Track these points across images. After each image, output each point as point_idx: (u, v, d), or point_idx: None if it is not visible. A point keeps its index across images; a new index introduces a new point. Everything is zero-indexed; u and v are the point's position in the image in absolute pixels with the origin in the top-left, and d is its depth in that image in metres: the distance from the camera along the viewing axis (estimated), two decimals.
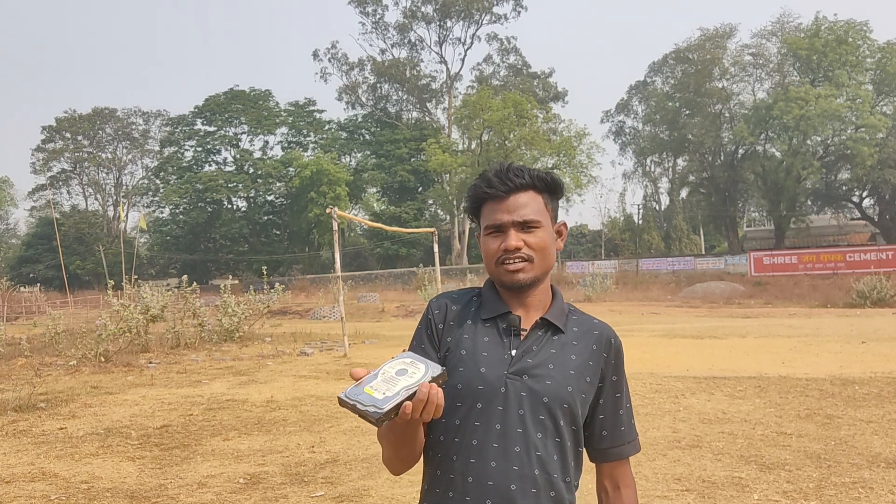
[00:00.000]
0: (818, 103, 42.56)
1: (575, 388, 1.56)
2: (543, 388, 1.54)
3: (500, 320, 1.61)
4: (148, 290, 15.71)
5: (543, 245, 1.61)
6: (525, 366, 1.56)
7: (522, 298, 1.63)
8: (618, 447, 1.67)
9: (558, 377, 1.56)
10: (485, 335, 1.60)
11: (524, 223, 1.59)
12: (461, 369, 1.56)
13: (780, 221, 49.07)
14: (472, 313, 1.64)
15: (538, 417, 1.53)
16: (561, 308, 1.66)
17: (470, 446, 1.53)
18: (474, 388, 1.54)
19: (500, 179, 1.61)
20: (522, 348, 1.58)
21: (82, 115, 68.36)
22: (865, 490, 4.83)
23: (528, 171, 1.63)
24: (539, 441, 1.53)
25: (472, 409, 1.54)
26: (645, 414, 7.40)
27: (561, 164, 50.66)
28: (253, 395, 9.29)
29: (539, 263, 1.60)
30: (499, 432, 1.52)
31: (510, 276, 1.59)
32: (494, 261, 1.61)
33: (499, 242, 1.60)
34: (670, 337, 15.29)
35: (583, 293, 33.80)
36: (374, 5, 62.42)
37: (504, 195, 1.60)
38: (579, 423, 1.59)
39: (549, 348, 1.59)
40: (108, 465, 6.07)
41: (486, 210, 1.64)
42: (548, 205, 1.65)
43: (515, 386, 1.54)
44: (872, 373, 9.54)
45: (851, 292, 26.09)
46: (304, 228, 59.32)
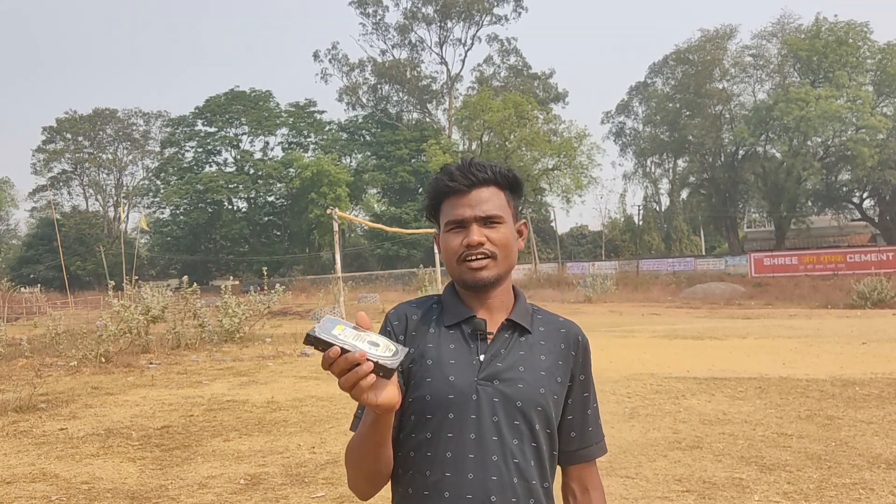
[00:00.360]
0: (818, 104, 42.56)
1: (547, 389, 1.51)
2: (516, 392, 1.48)
3: (464, 325, 1.55)
4: (148, 290, 15.71)
5: (506, 241, 1.55)
6: (495, 370, 1.50)
7: (485, 300, 1.56)
8: (586, 448, 1.62)
9: (530, 379, 1.50)
10: (450, 342, 1.53)
11: (487, 218, 1.53)
12: (429, 380, 1.49)
13: (780, 222, 49.05)
14: (434, 321, 1.57)
15: (513, 423, 1.47)
16: (525, 308, 1.60)
17: (444, 459, 1.45)
18: (444, 397, 1.47)
19: (463, 173, 1.55)
20: (490, 352, 1.52)
21: (83, 116, 68.39)
22: (866, 491, 4.83)
23: (491, 166, 1.58)
24: (516, 447, 1.47)
25: (444, 420, 1.46)
26: (645, 415, 7.40)
27: (561, 164, 50.67)
28: (253, 395, 9.30)
29: (502, 261, 1.54)
30: (474, 442, 1.45)
31: (473, 273, 1.52)
32: (456, 258, 1.54)
33: (461, 238, 1.54)
34: (671, 338, 15.29)
35: (583, 294, 33.81)
36: (374, 6, 62.50)
37: (466, 189, 1.55)
38: (554, 425, 1.54)
39: (518, 350, 1.53)
40: (108, 466, 6.08)
41: (447, 206, 1.57)
42: (510, 202, 1.59)
43: (487, 392, 1.47)
44: (873, 374, 9.55)
45: (852, 293, 26.08)
46: (304, 229, 59.35)
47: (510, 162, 50.59)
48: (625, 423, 7.05)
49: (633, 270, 43.11)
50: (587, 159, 50.84)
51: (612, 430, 6.80)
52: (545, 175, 51.69)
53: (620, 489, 4.99)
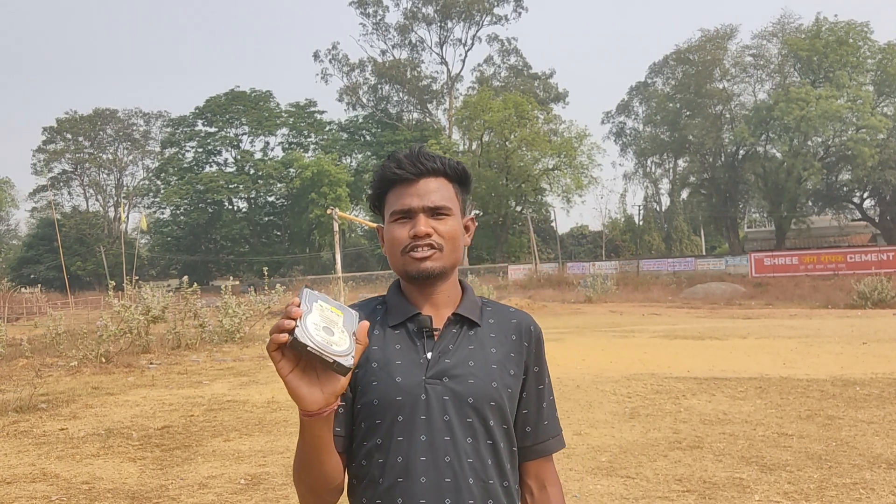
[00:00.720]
0: (819, 104, 42.56)
1: (500, 382, 1.45)
2: (467, 389, 1.42)
3: (409, 323, 1.48)
4: (149, 290, 15.71)
5: (454, 234, 1.49)
6: (444, 367, 1.43)
7: (430, 295, 1.50)
8: (542, 443, 1.54)
9: (481, 374, 1.43)
10: (395, 342, 1.47)
11: (435, 209, 1.48)
12: (375, 383, 1.43)
13: (780, 222, 49.05)
14: (378, 322, 1.50)
15: (465, 421, 1.41)
16: (473, 301, 1.54)
17: (396, 464, 1.39)
18: (392, 400, 1.41)
19: (411, 162, 1.50)
20: (438, 349, 1.46)
21: (83, 116, 68.44)
22: (867, 491, 4.83)
23: (440, 157, 1.53)
24: (470, 447, 1.40)
25: (394, 424, 1.40)
26: (646, 415, 7.40)
27: (562, 164, 50.71)
28: (254, 395, 9.30)
29: (448, 253, 1.48)
30: (425, 444, 1.39)
31: (417, 264, 1.46)
32: (401, 249, 1.48)
33: (407, 229, 1.48)
34: (671, 338, 15.28)
35: (583, 294, 33.81)
36: (374, 6, 62.55)
37: (414, 178, 1.49)
38: (510, 420, 1.47)
39: (467, 344, 1.47)
40: (109, 466, 6.08)
41: (393, 196, 1.52)
42: (458, 195, 1.55)
43: (436, 390, 1.41)
44: (873, 374, 9.54)
45: (852, 293, 26.05)
46: (304, 229, 59.39)
47: (510, 162, 50.66)
48: (625, 423, 7.05)
49: (634, 270, 43.10)
50: (587, 159, 50.96)
51: (613, 430, 6.80)
52: (545, 175, 51.72)
53: (621, 489, 4.98)
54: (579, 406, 7.92)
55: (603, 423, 7.11)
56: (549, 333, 16.92)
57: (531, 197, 54.35)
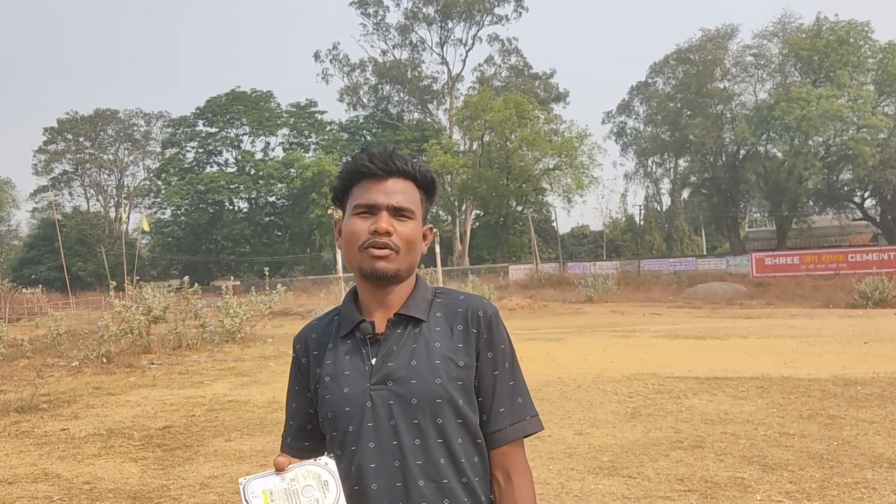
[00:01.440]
0: (820, 104, 42.52)
1: (445, 377, 1.43)
2: (409, 390, 1.42)
3: (356, 331, 1.50)
4: (149, 291, 15.73)
5: (413, 238, 1.50)
6: (387, 371, 1.44)
7: (382, 298, 1.50)
8: (499, 431, 1.49)
9: (423, 373, 1.43)
10: (345, 353, 1.48)
11: (399, 209, 1.48)
12: (328, 397, 1.46)
13: (781, 222, 49.01)
14: (332, 335, 1.53)
15: (412, 423, 1.41)
16: (421, 297, 1.52)
17: (350, 474, 1.41)
18: (342, 411, 1.44)
19: (383, 159, 1.50)
20: (382, 353, 1.46)
21: (84, 117, 68.45)
22: (868, 490, 4.82)
23: (412, 161, 1.53)
24: (419, 448, 1.41)
25: (346, 434, 1.43)
26: (647, 415, 7.40)
27: (562, 164, 50.68)
28: (255, 395, 9.30)
29: (404, 256, 1.48)
30: (374, 450, 1.41)
31: (372, 262, 1.46)
32: (359, 244, 1.47)
33: (368, 224, 1.47)
34: (672, 338, 15.27)
35: (584, 294, 33.81)
36: (375, 6, 62.51)
37: (383, 174, 1.49)
38: (466, 413, 1.45)
39: (411, 343, 1.47)
40: (110, 466, 6.08)
41: (359, 189, 1.51)
42: (422, 202, 1.55)
43: (381, 396, 1.43)
44: (875, 373, 9.54)
45: (853, 293, 26.04)
46: (305, 229, 59.40)
47: (511, 162, 50.65)
48: (626, 423, 7.05)
49: (635, 270, 43.08)
50: (588, 159, 50.90)
51: (614, 429, 6.80)
52: (546, 175, 51.70)
53: (622, 489, 4.98)
54: (581, 406, 7.92)
55: (604, 422, 7.11)
56: (550, 333, 16.94)
57: (532, 197, 54.32)
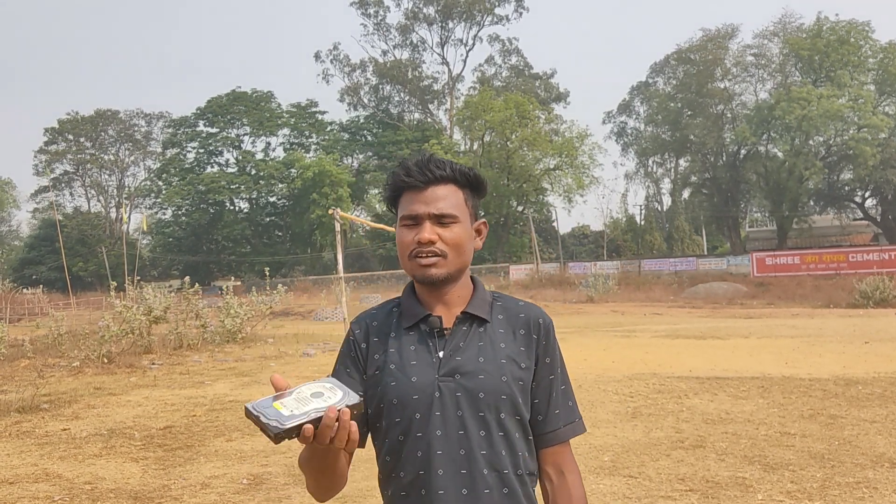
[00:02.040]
0: (820, 103, 42.49)
1: (510, 376, 1.53)
2: (477, 384, 1.51)
3: (422, 325, 1.57)
4: (150, 291, 15.73)
5: (458, 241, 1.56)
6: (455, 365, 1.52)
7: (441, 296, 1.58)
8: (553, 431, 1.60)
9: (490, 369, 1.52)
10: (410, 344, 1.56)
11: (440, 216, 1.54)
12: (393, 384, 1.53)
13: (782, 222, 48.97)
14: (394, 325, 1.60)
15: (478, 415, 1.50)
16: (483, 298, 1.61)
17: (416, 459, 1.50)
18: (409, 398, 1.51)
19: (420, 170, 1.56)
20: (449, 348, 1.54)
21: (85, 117, 68.38)
22: (869, 490, 4.82)
23: (451, 164, 1.58)
24: (483, 439, 1.49)
25: (412, 421, 1.50)
26: (648, 414, 7.40)
27: (563, 164, 50.66)
28: (256, 395, 9.27)
29: (453, 259, 1.55)
30: (440, 438, 1.49)
31: (422, 270, 1.54)
32: (408, 253, 1.56)
33: (413, 234, 1.55)
34: (673, 337, 15.27)
35: (585, 294, 33.81)
36: (375, 7, 62.51)
37: (422, 185, 1.56)
38: (523, 411, 1.55)
39: (477, 341, 1.55)
40: (111, 466, 6.08)
41: (404, 200, 1.58)
42: (468, 201, 1.60)
43: (449, 388, 1.50)
44: (876, 373, 9.54)
45: (854, 293, 26.04)
46: (306, 230, 59.32)
47: (512, 162, 50.64)
48: (627, 423, 7.05)
49: (635, 270, 43.07)
50: (589, 159, 50.86)
51: (615, 429, 6.80)
52: (547, 175, 51.68)
53: (623, 488, 4.98)
54: (581, 406, 7.86)
55: (605, 422, 7.11)
56: None
57: (532, 197, 54.30)
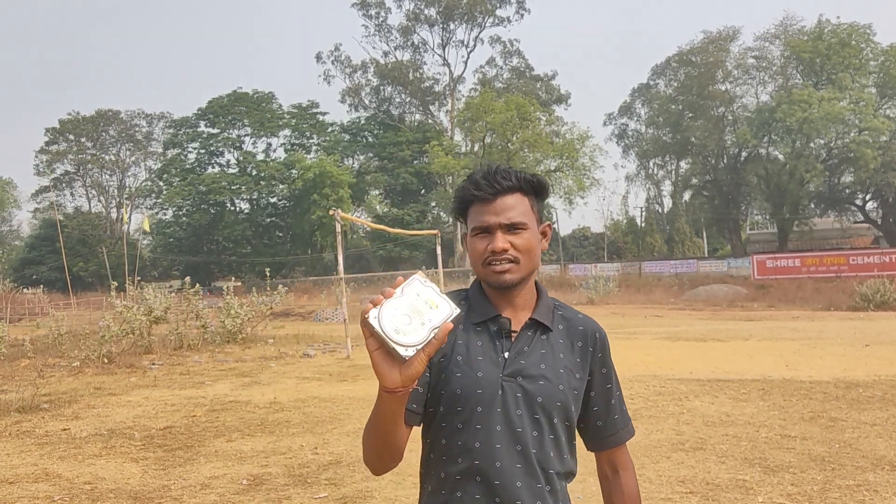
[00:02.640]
0: (821, 106, 42.50)
1: (567, 385, 1.63)
2: (537, 389, 1.59)
3: (490, 324, 1.65)
4: (151, 291, 15.73)
5: (529, 247, 1.65)
6: (519, 367, 1.60)
7: (510, 299, 1.67)
8: (613, 435, 1.75)
9: (550, 376, 1.61)
10: (477, 339, 1.64)
11: (511, 225, 1.63)
12: (458, 374, 1.60)
13: (783, 224, 48.98)
14: (462, 319, 1.67)
15: (534, 416, 1.59)
16: (547, 306, 1.71)
17: (474, 448, 1.57)
18: (473, 391, 1.59)
19: (488, 182, 1.64)
20: (515, 350, 1.62)
21: (86, 118, 68.37)
22: (870, 493, 4.82)
23: (516, 173, 1.66)
24: (536, 439, 1.59)
25: (473, 413, 1.58)
26: (648, 416, 7.39)
27: (563, 166, 50.65)
28: (256, 396, 9.30)
29: (525, 264, 1.64)
30: (500, 433, 1.57)
31: (497, 276, 1.63)
32: (482, 262, 1.65)
33: (486, 244, 1.63)
34: (673, 339, 15.26)
35: (585, 295, 33.78)
36: (377, 8, 62.52)
37: (491, 197, 1.64)
38: (573, 419, 1.66)
39: (540, 348, 1.64)
40: (111, 466, 6.08)
41: (473, 212, 1.67)
42: (534, 206, 1.68)
43: (511, 387, 1.59)
44: (876, 376, 9.53)
45: (855, 295, 26.02)
46: (306, 230, 59.31)
47: (513, 163, 50.63)
48: None
49: (636, 272, 43.07)
50: (589, 161, 50.86)
51: None
52: (548, 177, 51.66)
53: None
54: None
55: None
56: None
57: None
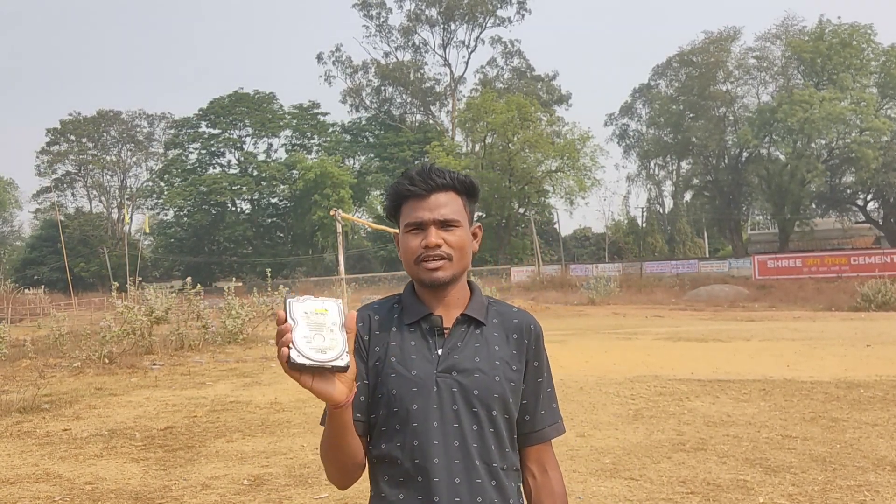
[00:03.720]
0: (822, 106, 42.46)
1: (503, 377, 1.62)
2: (472, 382, 1.60)
3: (423, 322, 1.66)
4: (152, 292, 15.73)
5: (462, 244, 1.66)
6: (452, 362, 1.61)
7: (442, 297, 1.67)
8: (540, 430, 1.71)
9: (485, 369, 1.61)
10: (411, 339, 1.65)
11: (444, 222, 1.64)
12: (393, 375, 1.61)
13: (784, 225, 48.93)
14: (395, 320, 1.68)
15: (472, 410, 1.59)
16: (480, 302, 1.71)
17: (413, 447, 1.57)
18: (408, 390, 1.59)
19: (423, 178, 1.65)
20: (448, 346, 1.63)
21: (87, 118, 68.43)
22: (871, 493, 4.81)
23: (449, 172, 1.68)
24: (475, 433, 1.58)
25: (410, 412, 1.58)
26: (649, 417, 7.39)
27: (564, 166, 50.63)
28: (257, 396, 9.30)
29: (457, 262, 1.65)
30: (437, 430, 1.57)
31: (429, 274, 1.63)
32: (414, 259, 1.65)
33: (419, 240, 1.64)
34: (674, 340, 15.25)
35: (586, 296, 33.74)
36: (378, 9, 62.62)
37: (425, 194, 1.65)
38: (512, 411, 1.64)
39: (474, 342, 1.65)
40: (112, 467, 6.08)
41: (407, 208, 1.68)
42: (466, 206, 1.70)
43: (446, 383, 1.59)
44: (877, 376, 9.52)
45: (856, 296, 25.97)
46: (307, 231, 59.36)
47: (513, 164, 50.63)
48: (629, 425, 7.03)
49: (637, 273, 43.02)
50: (590, 161, 50.81)
51: (616, 431, 6.79)
52: (548, 177, 51.66)
53: (624, 491, 4.97)
54: (583, 408, 7.90)
55: (606, 424, 7.10)
56: (552, 335, 16.91)
57: (534, 199, 54.29)
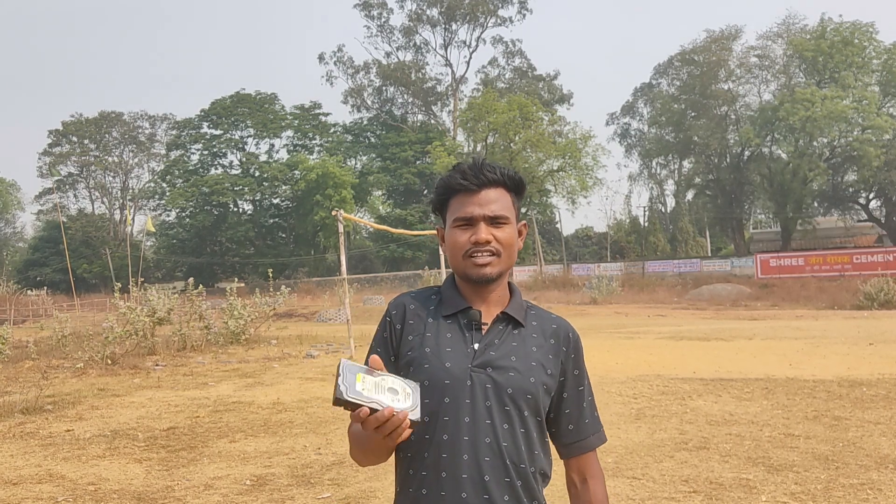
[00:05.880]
0: (824, 105, 42.40)
1: (537, 379, 1.60)
2: (507, 380, 1.57)
3: (460, 316, 1.64)
4: (154, 292, 15.75)
5: (511, 241, 1.65)
6: (488, 358, 1.59)
7: (483, 294, 1.66)
8: (583, 440, 1.70)
9: (521, 368, 1.59)
10: (447, 331, 1.62)
11: (494, 218, 1.62)
12: (426, 366, 1.59)
13: (786, 223, 48.86)
14: (432, 311, 1.67)
15: (504, 408, 1.56)
16: (520, 303, 1.69)
17: (441, 441, 1.55)
18: (441, 382, 1.56)
19: (474, 173, 1.64)
20: (485, 342, 1.61)
21: (89, 119, 68.50)
22: (874, 491, 4.80)
23: (500, 168, 1.66)
24: (506, 431, 1.56)
25: (441, 405, 1.56)
26: (652, 416, 7.38)
27: (566, 166, 50.56)
28: (259, 397, 9.31)
29: (505, 259, 1.64)
30: (468, 425, 1.54)
31: (477, 269, 1.61)
32: (462, 254, 1.63)
33: (468, 235, 1.62)
34: (677, 339, 15.24)
35: (588, 295, 33.73)
36: (379, 9, 62.59)
37: (476, 189, 1.63)
38: (542, 413, 1.62)
39: (511, 341, 1.62)
40: (114, 467, 6.09)
41: (455, 203, 1.65)
42: (514, 203, 1.69)
43: (480, 378, 1.57)
44: (880, 374, 9.51)
45: (858, 294, 25.97)
46: (309, 231, 59.37)
47: (515, 163, 50.56)
48: (631, 424, 7.03)
49: (639, 272, 43.01)
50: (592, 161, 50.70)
51: (619, 430, 6.79)
52: (550, 176, 51.59)
53: (627, 490, 4.97)
54: None
55: (609, 424, 7.09)
56: None
57: (536, 198, 54.20)
